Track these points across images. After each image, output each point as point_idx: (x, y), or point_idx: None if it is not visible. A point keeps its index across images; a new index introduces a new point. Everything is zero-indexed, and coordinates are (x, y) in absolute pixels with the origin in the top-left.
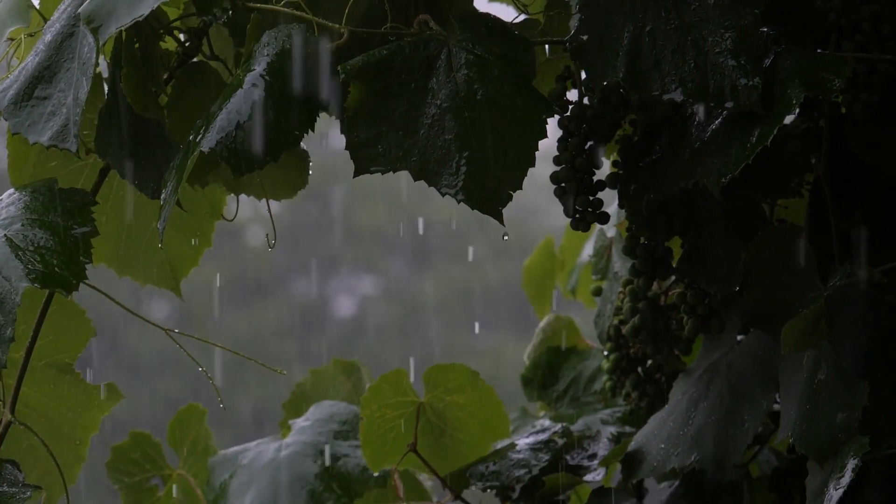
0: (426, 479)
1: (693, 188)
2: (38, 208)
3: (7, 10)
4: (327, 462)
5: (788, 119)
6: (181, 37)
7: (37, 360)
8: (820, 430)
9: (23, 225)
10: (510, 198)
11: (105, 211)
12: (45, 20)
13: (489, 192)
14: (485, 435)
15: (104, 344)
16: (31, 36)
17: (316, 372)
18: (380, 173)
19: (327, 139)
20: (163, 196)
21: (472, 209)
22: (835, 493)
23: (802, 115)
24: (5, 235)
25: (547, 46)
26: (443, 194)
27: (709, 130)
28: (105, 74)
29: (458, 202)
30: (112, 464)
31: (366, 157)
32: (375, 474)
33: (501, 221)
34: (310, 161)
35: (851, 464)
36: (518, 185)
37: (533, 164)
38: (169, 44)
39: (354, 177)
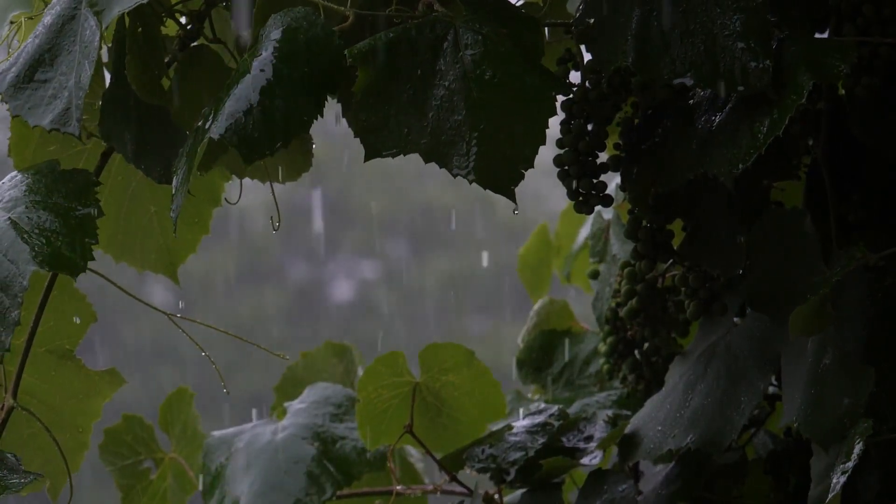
0: (418, 461)
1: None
2: (41, 190)
3: None
4: (324, 445)
5: None
6: (182, 20)
7: (37, 347)
8: (825, 415)
9: (26, 207)
10: (522, 176)
11: (103, 196)
12: (46, 3)
13: (501, 171)
14: (481, 413)
15: (99, 331)
16: (32, 19)
17: (307, 355)
18: (390, 157)
19: (327, 121)
20: (174, 184)
21: (484, 189)
22: (841, 478)
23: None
24: (9, 218)
25: (547, 29)
26: (454, 175)
27: (715, 120)
28: (105, 59)
29: (470, 182)
30: (105, 446)
31: (375, 141)
32: (372, 455)
33: (514, 200)
34: (313, 143)
35: (857, 448)
36: (530, 164)
37: (544, 142)
38: (170, 27)
39: (365, 161)
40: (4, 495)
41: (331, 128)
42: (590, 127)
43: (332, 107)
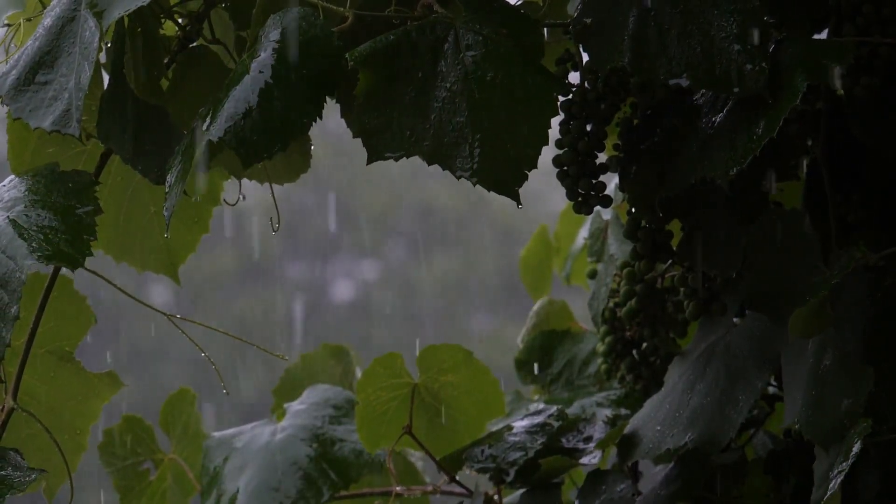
0: (418, 460)
1: None
2: (40, 190)
3: None
4: (322, 446)
5: None
6: (181, 21)
7: (37, 348)
8: (826, 416)
9: (25, 206)
10: (525, 177)
11: (103, 196)
12: (44, 5)
13: (504, 172)
14: (480, 413)
15: (99, 331)
16: (30, 20)
17: (306, 357)
18: (393, 160)
19: (326, 123)
20: (168, 182)
21: (488, 190)
22: (838, 477)
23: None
24: (8, 217)
25: (546, 30)
26: (458, 177)
27: (716, 122)
28: (104, 60)
29: (474, 184)
30: (104, 447)
31: (378, 144)
32: (371, 457)
33: (518, 201)
34: (311, 145)
35: (855, 448)
36: (533, 164)
37: (547, 142)
38: (168, 28)
39: (368, 164)
40: (9, 496)
41: (330, 128)
42: (589, 127)
43: (334, 107)
